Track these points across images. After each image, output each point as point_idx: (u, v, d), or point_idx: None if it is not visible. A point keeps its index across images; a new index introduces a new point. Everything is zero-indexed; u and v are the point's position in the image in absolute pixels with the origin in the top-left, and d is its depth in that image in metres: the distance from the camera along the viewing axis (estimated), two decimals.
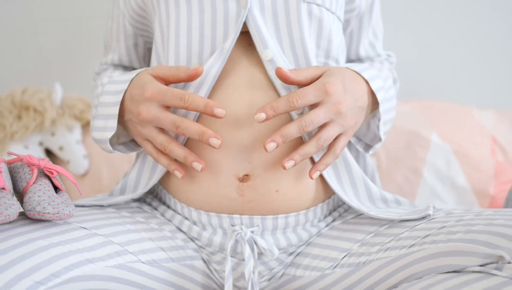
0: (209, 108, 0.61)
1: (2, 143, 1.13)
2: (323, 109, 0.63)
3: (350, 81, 0.66)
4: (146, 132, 0.65)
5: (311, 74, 0.66)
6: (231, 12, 0.67)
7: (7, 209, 0.53)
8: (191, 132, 0.62)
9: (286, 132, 0.62)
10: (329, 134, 0.64)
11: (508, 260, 0.53)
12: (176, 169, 0.66)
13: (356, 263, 0.66)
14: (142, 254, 0.65)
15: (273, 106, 0.62)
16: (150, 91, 0.63)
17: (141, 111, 0.64)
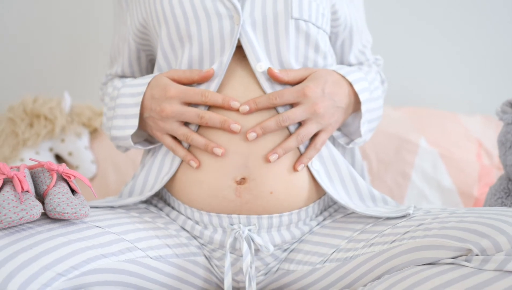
0: (226, 102, 0.72)
1: (15, 149, 1.19)
2: (300, 109, 0.72)
3: (331, 84, 0.75)
4: (168, 127, 0.74)
5: (298, 75, 0.75)
6: (225, 29, 0.74)
7: (32, 209, 0.60)
8: (215, 121, 0.72)
9: (265, 125, 0.72)
10: (307, 130, 0.73)
11: (476, 253, 0.60)
12: (191, 159, 0.74)
13: (344, 258, 0.73)
14: (150, 250, 0.71)
15: (256, 101, 0.72)
16: (173, 90, 0.73)
17: (164, 108, 0.73)
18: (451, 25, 1.43)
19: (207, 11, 0.74)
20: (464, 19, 1.43)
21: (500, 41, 1.44)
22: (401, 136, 1.24)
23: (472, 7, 1.42)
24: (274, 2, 0.74)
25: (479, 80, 1.46)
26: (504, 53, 1.44)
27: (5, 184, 0.62)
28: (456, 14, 1.43)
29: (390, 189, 1.19)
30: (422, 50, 1.45)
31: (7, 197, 0.60)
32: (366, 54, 0.93)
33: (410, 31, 1.44)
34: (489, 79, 1.46)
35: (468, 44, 1.44)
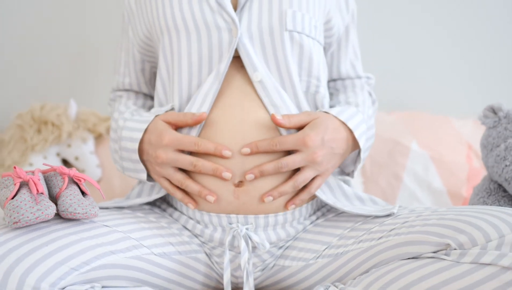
0: (218, 151, 0.75)
1: (24, 154, 1.24)
2: (300, 157, 0.76)
3: (331, 131, 0.78)
4: (163, 172, 0.78)
5: (300, 121, 0.78)
6: (224, 41, 0.80)
7: (46, 209, 0.65)
8: (207, 169, 0.75)
9: (264, 168, 0.76)
10: (305, 177, 0.78)
11: (454, 247, 0.65)
12: (189, 201, 0.79)
13: (335, 254, 0.78)
14: (154, 247, 0.77)
15: (258, 145, 0.75)
16: (167, 138, 0.76)
17: (159, 155, 0.77)
18: (444, 32, 1.48)
19: (207, 24, 0.80)
20: (456, 26, 1.48)
21: (491, 48, 1.48)
22: (394, 140, 1.29)
23: (464, 15, 1.47)
24: (270, 16, 0.80)
25: (472, 84, 1.50)
26: (496, 58, 1.49)
27: (22, 187, 0.67)
28: (449, 21, 1.48)
29: (383, 190, 1.24)
30: (416, 56, 1.50)
31: (24, 199, 0.65)
32: (356, 69, 0.97)
33: (403, 38, 1.49)
34: (480, 83, 1.50)
35: (460, 50, 1.49)
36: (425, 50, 1.50)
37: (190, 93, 0.82)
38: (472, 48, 1.50)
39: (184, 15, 0.80)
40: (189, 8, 0.80)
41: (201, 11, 0.79)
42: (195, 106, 0.80)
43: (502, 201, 0.85)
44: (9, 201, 0.65)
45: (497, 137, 0.87)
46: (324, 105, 0.86)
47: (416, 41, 1.49)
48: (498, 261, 0.61)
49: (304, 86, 0.83)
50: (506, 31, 1.48)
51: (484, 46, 1.49)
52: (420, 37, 1.49)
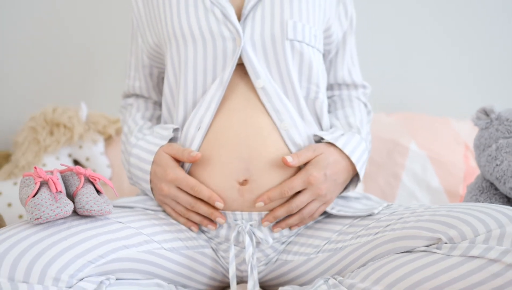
0: (212, 201, 0.81)
1: (37, 155, 1.29)
2: (307, 195, 0.82)
3: (332, 165, 0.84)
4: (167, 201, 0.86)
5: (307, 157, 0.83)
6: (228, 49, 0.84)
7: (65, 207, 0.70)
8: (202, 212, 0.82)
9: (276, 214, 0.82)
10: (310, 209, 0.84)
11: (445, 241, 0.70)
12: (191, 225, 0.86)
13: (335, 248, 0.82)
14: (164, 242, 0.81)
15: (270, 196, 0.81)
16: (171, 176, 0.83)
17: (163, 188, 0.84)
18: (443, 33, 1.52)
19: (213, 34, 0.84)
20: (455, 28, 1.51)
21: (490, 49, 1.52)
22: (393, 140, 1.33)
23: (463, 16, 1.51)
24: (272, 26, 0.84)
25: (471, 85, 1.54)
26: (494, 60, 1.52)
27: (42, 186, 0.72)
28: (447, 22, 1.52)
29: (382, 189, 1.28)
30: (415, 57, 1.53)
31: (44, 197, 0.70)
32: (353, 76, 1.02)
33: (402, 40, 1.53)
34: (479, 84, 1.54)
35: (459, 52, 1.53)
36: (424, 51, 1.54)
37: (195, 99, 0.86)
38: (470, 49, 1.53)
39: (191, 24, 0.85)
40: (196, 18, 0.85)
41: (207, 21, 0.84)
42: (200, 112, 0.85)
43: (494, 198, 0.90)
44: (31, 199, 0.70)
45: (489, 137, 0.91)
46: (323, 111, 0.90)
47: (415, 43, 1.53)
48: (486, 254, 0.66)
49: (304, 92, 0.88)
50: (505, 33, 1.51)
51: (482, 47, 1.53)
52: (419, 39, 1.53)
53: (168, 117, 0.93)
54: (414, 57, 1.54)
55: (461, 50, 1.53)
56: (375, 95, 1.36)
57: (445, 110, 1.51)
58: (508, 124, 0.90)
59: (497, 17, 1.51)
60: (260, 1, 0.85)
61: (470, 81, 1.55)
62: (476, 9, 1.51)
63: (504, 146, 0.87)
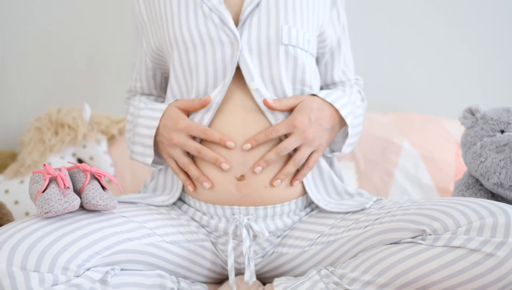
0: (223, 141, 0.85)
1: (43, 155, 1.33)
2: (293, 138, 0.86)
3: (316, 111, 0.88)
4: (173, 153, 0.89)
5: (289, 104, 0.88)
6: (227, 54, 0.89)
7: (73, 201, 0.75)
8: (209, 157, 0.86)
9: (268, 157, 0.86)
10: (302, 155, 0.87)
11: (429, 233, 0.74)
12: (189, 184, 0.89)
13: (327, 241, 0.87)
14: (166, 236, 0.86)
15: (256, 138, 0.85)
16: (182, 124, 0.87)
17: (173, 137, 0.87)
18: (436, 37, 1.56)
19: (212, 39, 0.89)
20: (447, 32, 1.55)
21: (482, 51, 1.55)
22: (386, 139, 1.37)
23: (455, 18, 1.54)
24: (267, 31, 0.89)
25: (463, 85, 1.57)
26: (486, 61, 1.56)
27: (51, 182, 0.77)
28: (440, 26, 1.55)
29: (376, 186, 1.32)
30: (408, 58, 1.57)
31: (53, 192, 0.75)
32: (347, 74, 1.06)
33: (396, 41, 1.56)
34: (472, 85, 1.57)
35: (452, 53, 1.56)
36: (418, 54, 1.57)
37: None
38: (462, 52, 1.57)
39: (191, 31, 0.89)
40: (196, 25, 0.89)
41: (206, 27, 0.89)
42: (200, 112, 0.89)
43: (479, 194, 0.94)
44: (40, 194, 0.75)
45: (474, 136, 0.96)
46: None
47: (409, 45, 1.57)
48: (467, 244, 0.70)
49: (299, 94, 0.93)
50: (497, 34, 1.55)
51: (474, 50, 1.56)
52: (413, 41, 1.57)
53: None
54: (407, 59, 1.58)
55: (453, 53, 1.57)
56: (369, 96, 1.40)
57: (437, 110, 1.54)
58: (493, 123, 0.94)
59: (489, 18, 1.55)
60: (257, 7, 0.90)
61: (462, 82, 1.58)
62: (468, 11, 1.54)
63: (488, 144, 0.92)
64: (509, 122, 0.93)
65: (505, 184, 0.88)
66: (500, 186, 0.89)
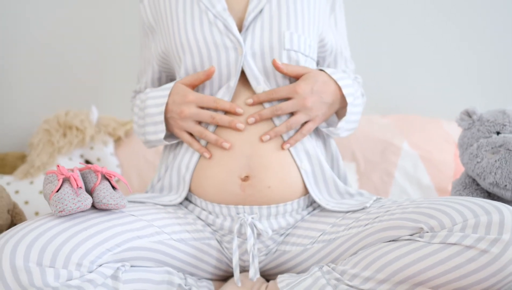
0: (233, 108, 0.90)
1: (51, 156, 1.36)
2: (291, 102, 0.90)
3: (320, 83, 0.92)
4: (185, 125, 0.93)
5: (295, 71, 0.92)
6: (231, 59, 0.92)
7: (85, 201, 0.78)
8: (224, 120, 0.90)
9: (263, 112, 0.90)
10: (296, 120, 0.91)
11: (426, 230, 0.77)
12: (205, 151, 0.92)
13: (328, 239, 0.90)
14: (173, 234, 0.89)
15: (259, 96, 0.91)
16: (191, 96, 0.91)
17: (183, 110, 0.91)
18: (435, 40, 1.59)
19: (217, 45, 0.92)
20: (446, 32, 1.58)
21: (481, 52, 1.59)
22: (386, 140, 1.41)
23: (455, 18, 1.57)
24: (270, 37, 0.93)
25: (462, 88, 1.61)
26: (485, 64, 1.59)
27: (64, 182, 0.80)
28: (439, 26, 1.58)
29: (376, 186, 1.36)
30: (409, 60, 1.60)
31: (67, 192, 0.78)
32: (347, 73, 1.10)
33: (397, 45, 1.60)
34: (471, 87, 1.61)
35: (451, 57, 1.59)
36: (417, 56, 1.61)
37: None
38: (461, 55, 1.60)
39: (197, 37, 0.93)
40: (201, 31, 0.93)
41: (211, 34, 0.92)
42: None
43: (475, 193, 0.97)
44: (54, 194, 0.78)
45: (471, 137, 0.99)
46: None
47: (409, 48, 1.60)
48: (462, 241, 0.73)
49: None
50: (497, 35, 1.58)
51: (474, 50, 1.59)
52: (413, 44, 1.60)
53: None
54: (407, 61, 1.61)
55: (452, 55, 1.60)
56: (370, 98, 1.43)
57: (437, 112, 1.57)
58: (489, 125, 0.98)
59: (488, 18, 1.58)
60: (260, 14, 0.94)
61: (461, 84, 1.62)
62: (467, 12, 1.57)
63: (484, 145, 0.95)
64: (505, 124, 0.97)
65: (500, 184, 0.91)
66: (495, 185, 0.92)
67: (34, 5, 1.55)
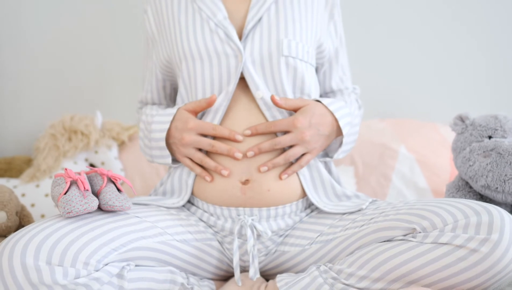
0: (232, 135, 0.92)
1: (57, 160, 1.40)
2: (290, 136, 0.93)
3: (317, 116, 0.95)
4: (186, 151, 0.95)
5: (294, 104, 0.95)
6: (231, 65, 0.96)
7: (92, 203, 0.82)
8: (223, 149, 0.92)
9: (262, 146, 0.92)
10: (294, 152, 0.93)
11: (419, 231, 0.81)
12: (206, 175, 0.95)
13: (326, 240, 0.93)
14: (176, 235, 0.93)
15: (257, 128, 0.93)
16: (192, 123, 0.94)
17: (184, 137, 0.94)
18: (431, 44, 1.62)
19: (218, 52, 0.96)
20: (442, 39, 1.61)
21: (476, 59, 1.62)
22: (384, 144, 1.44)
23: (450, 25, 1.61)
24: (269, 44, 0.96)
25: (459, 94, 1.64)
26: (480, 69, 1.62)
27: (71, 185, 0.84)
28: (435, 33, 1.61)
29: (373, 189, 1.38)
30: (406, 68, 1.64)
31: (74, 194, 0.82)
32: (344, 82, 1.13)
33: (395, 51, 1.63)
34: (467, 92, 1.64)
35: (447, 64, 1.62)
36: (415, 62, 1.64)
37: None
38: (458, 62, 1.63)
39: (199, 45, 0.96)
40: (203, 39, 0.96)
41: (213, 42, 0.96)
42: (208, 120, 0.96)
43: (468, 195, 1.00)
44: (62, 196, 0.81)
45: (464, 141, 1.02)
46: None
47: (406, 54, 1.63)
48: (453, 241, 0.77)
49: None
50: (493, 41, 1.61)
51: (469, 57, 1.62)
52: (410, 51, 1.63)
53: None
54: (404, 67, 1.64)
55: (449, 62, 1.63)
56: (368, 103, 1.46)
57: (433, 117, 1.60)
58: (481, 130, 1.01)
59: (484, 25, 1.61)
60: (259, 22, 0.97)
61: (457, 90, 1.65)
62: (462, 19, 1.61)
63: (477, 149, 0.98)
64: (496, 129, 1.00)
65: (491, 186, 0.94)
66: (487, 188, 0.96)
67: (40, 12, 1.58)
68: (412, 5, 1.61)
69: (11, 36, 1.59)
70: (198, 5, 0.99)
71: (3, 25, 1.58)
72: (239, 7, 1.00)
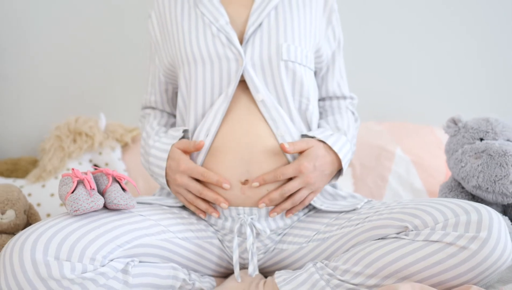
0: (220, 183, 0.95)
1: (62, 161, 1.43)
2: (297, 181, 0.95)
3: (321, 158, 0.98)
4: (179, 190, 0.99)
5: (301, 147, 0.97)
6: (232, 69, 0.99)
7: (98, 201, 0.85)
8: (209, 197, 0.96)
9: (272, 197, 0.95)
10: (300, 195, 0.97)
11: (411, 229, 0.84)
12: (200, 213, 0.99)
13: (322, 238, 0.97)
14: (178, 233, 0.96)
15: (264, 178, 0.94)
16: (183, 167, 0.97)
17: (176, 178, 0.97)
18: (428, 47, 1.65)
19: (219, 56, 1.00)
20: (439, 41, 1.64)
21: (472, 62, 1.65)
22: (380, 146, 1.47)
23: (447, 28, 1.63)
24: (269, 49, 1.00)
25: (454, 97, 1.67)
26: (476, 72, 1.65)
27: (78, 184, 0.87)
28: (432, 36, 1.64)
29: (370, 190, 1.41)
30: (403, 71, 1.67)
31: (81, 193, 0.85)
32: (342, 89, 1.15)
33: (391, 55, 1.66)
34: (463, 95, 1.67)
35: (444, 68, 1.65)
36: (411, 66, 1.67)
37: (204, 111, 1.01)
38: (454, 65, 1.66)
39: (201, 49, 1.00)
40: (205, 44, 1.00)
41: (214, 46, 1.00)
42: (208, 121, 0.99)
43: (460, 195, 1.04)
44: (70, 195, 0.85)
45: (456, 143, 1.06)
46: (312, 119, 1.04)
47: (403, 58, 1.67)
48: (443, 238, 0.80)
49: (297, 104, 1.03)
50: (490, 43, 1.64)
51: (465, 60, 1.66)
52: (406, 55, 1.66)
53: (181, 125, 1.07)
54: (401, 70, 1.68)
55: (445, 65, 1.66)
56: (365, 106, 1.50)
57: (429, 119, 1.63)
58: (473, 132, 1.04)
59: (481, 27, 1.63)
60: (259, 27, 1.01)
61: (453, 93, 1.68)
62: (460, 22, 1.63)
63: (468, 151, 1.02)
64: (487, 131, 1.03)
65: (482, 187, 0.98)
66: (478, 188, 0.99)
67: (45, 14, 1.61)
68: (410, 7, 1.64)
69: (17, 40, 1.62)
70: (201, 10, 1.03)
71: (9, 28, 1.61)
72: (241, 13, 1.04)
